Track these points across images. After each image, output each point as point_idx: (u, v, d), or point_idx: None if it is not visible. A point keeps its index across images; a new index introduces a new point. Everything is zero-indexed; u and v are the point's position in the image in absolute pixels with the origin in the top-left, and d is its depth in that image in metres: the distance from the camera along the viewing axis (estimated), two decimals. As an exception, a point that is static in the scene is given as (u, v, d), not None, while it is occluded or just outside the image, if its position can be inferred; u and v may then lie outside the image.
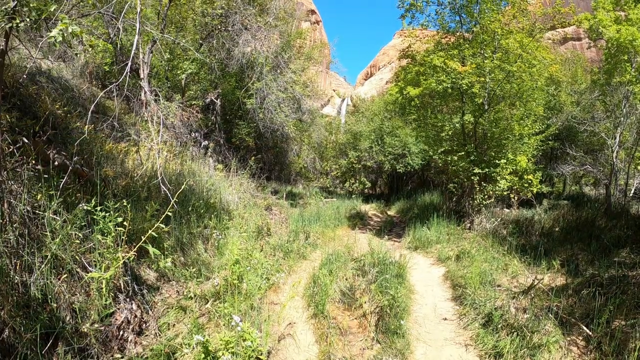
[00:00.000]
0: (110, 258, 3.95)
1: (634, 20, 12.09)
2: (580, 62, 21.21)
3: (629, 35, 11.32)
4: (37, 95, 6.98)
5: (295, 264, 7.60)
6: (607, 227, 9.95)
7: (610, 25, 12.03)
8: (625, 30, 11.43)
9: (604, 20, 12.13)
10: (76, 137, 6.40)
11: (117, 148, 7.99)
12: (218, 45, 12.89)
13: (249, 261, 6.01)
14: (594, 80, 15.30)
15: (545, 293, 6.00)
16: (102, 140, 7.89)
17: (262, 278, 5.73)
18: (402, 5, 10.80)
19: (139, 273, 4.96)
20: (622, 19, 12.51)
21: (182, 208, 6.90)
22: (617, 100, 12.99)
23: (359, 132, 25.47)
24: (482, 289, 6.20)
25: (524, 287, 6.31)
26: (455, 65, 9.47)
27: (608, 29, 11.84)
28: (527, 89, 10.13)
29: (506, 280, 6.88)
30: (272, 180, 19.74)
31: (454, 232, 10.27)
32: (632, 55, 12.44)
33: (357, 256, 8.14)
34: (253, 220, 8.42)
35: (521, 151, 10.95)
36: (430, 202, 16.39)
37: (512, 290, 6.15)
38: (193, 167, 9.79)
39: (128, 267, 4.34)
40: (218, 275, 5.34)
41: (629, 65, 12.54)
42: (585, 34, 50.62)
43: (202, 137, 13.96)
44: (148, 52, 12.08)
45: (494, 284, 6.45)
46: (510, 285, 6.54)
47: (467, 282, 6.57)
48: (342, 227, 13.34)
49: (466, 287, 6.43)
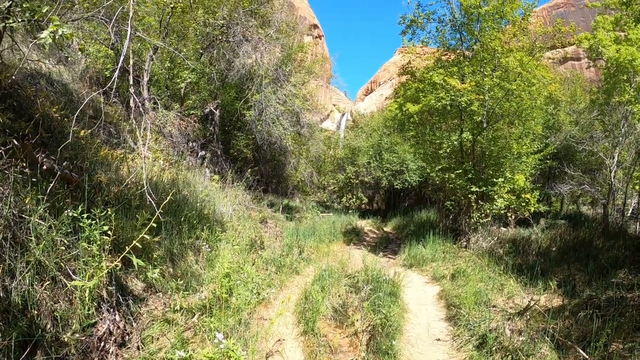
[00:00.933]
0: (95, 267, 3.83)
1: (634, 40, 12.14)
2: (580, 82, 21.35)
3: (629, 55, 11.36)
4: (35, 97, 6.92)
5: (287, 279, 7.46)
6: (604, 247, 9.87)
7: (610, 45, 12.08)
8: (624, 50, 11.47)
9: (604, 40, 12.19)
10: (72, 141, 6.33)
11: (112, 154, 7.91)
12: (219, 56, 12.90)
13: (239, 275, 5.89)
14: (593, 100, 15.34)
15: (541, 314, 5.88)
16: (98, 145, 7.83)
17: (253, 292, 5.60)
18: (403, 22, 10.86)
19: (126, 283, 4.84)
20: (621, 39, 12.58)
21: (175, 218, 6.79)
22: (615, 119, 13.01)
23: (357, 147, 25.49)
24: (477, 309, 6.08)
25: (519, 308, 6.19)
26: (454, 82, 9.46)
27: (608, 48, 11.89)
28: (526, 108, 10.13)
29: (502, 300, 6.76)
30: (269, 192, 19.62)
31: (450, 250, 10.16)
32: (631, 75, 12.48)
33: (351, 272, 8.02)
34: (246, 232, 8.30)
35: (519, 170, 10.90)
36: (427, 219, 16.29)
37: (507, 312, 6.03)
38: (188, 177, 9.69)
39: (113, 276, 4.22)
40: (207, 288, 5.21)
41: (628, 85, 12.57)
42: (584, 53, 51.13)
43: (200, 147, 13.89)
44: (149, 59, 12.08)
45: (489, 305, 6.32)
46: (506, 306, 6.41)
47: (462, 302, 6.45)
48: (338, 242, 13.21)
49: (461, 307, 6.30)
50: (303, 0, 77.02)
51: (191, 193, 8.52)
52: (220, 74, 13.99)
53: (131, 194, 6.57)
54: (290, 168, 22.49)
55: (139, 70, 12.38)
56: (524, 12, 10.53)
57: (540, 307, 6.21)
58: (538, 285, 7.34)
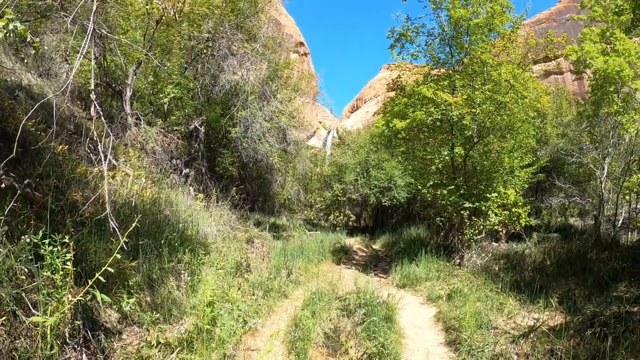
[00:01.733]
0: (58, 300, 3.40)
1: (621, 51, 12.23)
2: (565, 95, 21.58)
3: (617, 65, 11.40)
4: (12, 110, 6.51)
5: (275, 304, 7.02)
6: (598, 259, 9.67)
7: (597, 57, 12.14)
8: (612, 61, 11.52)
9: (591, 52, 12.25)
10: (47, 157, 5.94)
11: (91, 172, 7.52)
12: (203, 70, 12.58)
13: (224, 302, 5.46)
14: (580, 112, 15.42)
15: (546, 334, 5.54)
16: (76, 162, 7.46)
17: (238, 321, 5.16)
18: (391, 35, 10.68)
19: (98, 314, 4.38)
20: (607, 50, 12.69)
21: (155, 240, 6.35)
22: (605, 130, 12.99)
23: (344, 164, 25.28)
24: (478, 332, 5.71)
25: (522, 329, 5.86)
26: (446, 96, 9.27)
27: (595, 60, 11.93)
28: (517, 121, 9.98)
29: (502, 321, 6.41)
30: (255, 211, 19.19)
31: (444, 268, 9.82)
32: (619, 85, 12.54)
33: (342, 294, 7.64)
34: (232, 255, 7.85)
35: (512, 184, 10.69)
36: (417, 237, 16.00)
37: (510, 333, 5.68)
38: (171, 196, 9.26)
39: (79, 309, 3.77)
40: (188, 319, 4.77)
41: (616, 96, 12.62)
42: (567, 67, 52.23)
43: (184, 165, 13.47)
44: (132, 73, 11.73)
45: (490, 326, 5.97)
46: (507, 327, 6.07)
47: (462, 324, 6.08)
48: (326, 262, 12.80)
49: (460, 330, 5.93)
50: (289, 19, 77.71)
51: (173, 213, 8.09)
52: (205, 89, 13.67)
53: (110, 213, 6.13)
54: (277, 186, 22.12)
55: (122, 85, 12.03)
56: (512, 25, 10.47)
57: (543, 326, 5.89)
58: (538, 303, 7.00)
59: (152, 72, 13.20)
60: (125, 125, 11.65)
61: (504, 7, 10.30)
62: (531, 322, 6.34)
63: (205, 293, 4.72)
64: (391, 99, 11.73)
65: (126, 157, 10.48)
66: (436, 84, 10.04)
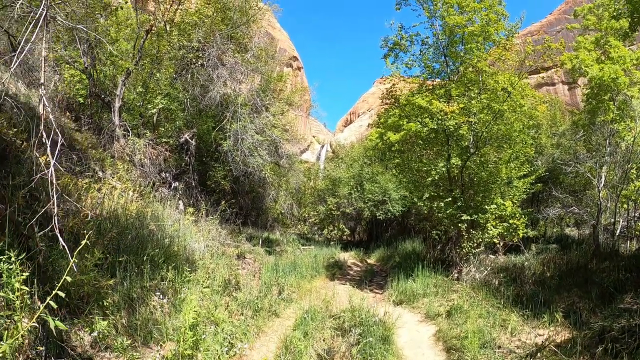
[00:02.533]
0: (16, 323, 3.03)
1: (615, 58, 12.20)
2: (558, 105, 21.60)
3: (612, 72, 11.35)
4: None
5: (265, 324, 6.61)
6: (600, 269, 9.38)
7: (593, 65, 12.10)
8: (608, 68, 11.47)
9: (586, 60, 12.22)
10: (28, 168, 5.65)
11: (75, 183, 7.20)
12: (192, 81, 12.31)
13: (209, 322, 5.08)
14: (575, 121, 15.33)
15: (554, 352, 5.20)
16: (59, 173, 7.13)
17: (224, 345, 4.78)
18: (385, 44, 10.47)
19: (68, 337, 4.00)
20: (602, 59, 12.65)
21: (136, 257, 5.98)
22: (601, 139, 12.87)
23: (338, 178, 25.00)
24: (482, 352, 5.35)
25: (528, 347, 5.52)
26: (441, 105, 9.02)
27: (591, 68, 11.89)
28: (514, 131, 9.75)
29: (506, 338, 6.05)
30: (248, 225, 18.81)
31: (442, 283, 9.44)
32: (614, 93, 12.47)
33: (336, 312, 7.26)
34: (220, 271, 7.47)
35: (510, 195, 10.42)
36: (412, 250, 15.66)
37: (516, 353, 5.33)
38: (158, 210, 8.91)
39: (42, 334, 3.39)
40: (167, 344, 4.39)
41: (612, 104, 12.53)
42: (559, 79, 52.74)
43: (173, 178, 13.12)
44: (121, 84, 11.47)
45: (494, 345, 5.61)
46: (512, 345, 5.72)
47: (464, 343, 5.72)
48: (320, 278, 12.40)
49: (463, 350, 5.57)
50: (283, 33, 78.14)
51: (159, 228, 7.72)
52: (194, 100, 13.42)
53: (89, 227, 5.80)
54: (270, 200, 21.76)
55: (111, 96, 11.77)
56: (507, 33, 10.31)
57: (550, 343, 5.55)
58: (543, 318, 6.65)
59: (141, 83, 12.96)
60: (113, 136, 11.36)
61: (499, 15, 10.16)
62: (537, 339, 6.00)
63: (187, 314, 4.34)
64: (385, 109, 11.49)
65: (113, 170, 10.21)
66: (432, 94, 9.81)
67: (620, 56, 12.40)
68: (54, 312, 3.98)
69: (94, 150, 10.42)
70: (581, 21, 15.23)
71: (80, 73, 11.84)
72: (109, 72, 12.44)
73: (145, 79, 12.74)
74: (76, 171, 8.45)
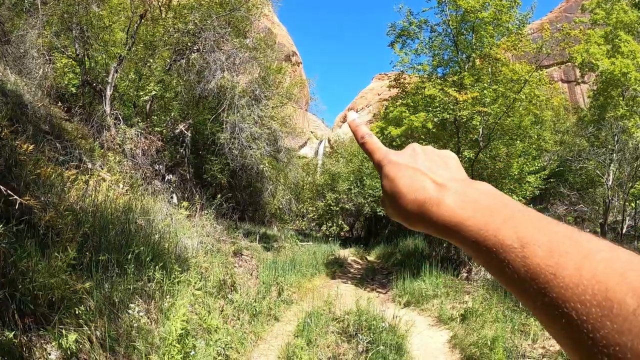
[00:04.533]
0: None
1: (626, 53, 11.72)
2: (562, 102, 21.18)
3: (624, 67, 10.85)
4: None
5: (264, 329, 6.01)
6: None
7: (603, 58, 11.60)
8: (619, 62, 11.00)
9: (597, 54, 11.70)
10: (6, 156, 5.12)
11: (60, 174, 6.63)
12: (187, 67, 11.68)
13: (202, 330, 4.48)
14: (581, 117, 14.90)
15: None
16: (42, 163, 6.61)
17: (219, 356, 4.18)
18: (392, 31, 9.82)
19: (30, 354, 3.39)
20: (611, 53, 12.18)
21: (119, 255, 5.36)
22: (611, 135, 12.38)
23: (337, 173, 24.44)
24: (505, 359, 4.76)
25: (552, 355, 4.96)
26: (455, 93, 8.39)
27: (601, 61, 11.37)
28: (528, 123, 9.17)
29: (528, 345, 5.47)
30: (245, 221, 18.23)
31: (451, 284, 8.84)
32: (624, 89, 12.01)
33: (339, 314, 6.69)
34: (215, 271, 6.86)
35: (521, 191, 9.84)
36: (415, 248, 15.10)
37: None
38: (149, 204, 8.31)
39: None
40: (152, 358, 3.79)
41: (622, 99, 12.07)
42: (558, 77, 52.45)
43: (166, 170, 12.51)
44: (113, 71, 10.90)
45: (518, 355, 5.01)
46: (536, 354, 5.13)
47: (484, 352, 5.12)
48: (320, 276, 11.84)
49: (483, 359, 4.97)
50: (282, 28, 77.27)
51: (149, 223, 7.12)
52: (190, 89, 12.80)
53: (68, 221, 5.20)
54: (268, 195, 21.17)
55: (103, 84, 11.20)
56: (519, 22, 9.70)
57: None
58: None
59: (134, 69, 12.36)
60: (103, 125, 10.79)
61: (512, 2, 9.56)
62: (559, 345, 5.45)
63: (174, 324, 3.73)
64: (392, 97, 10.85)
65: (104, 161, 9.68)
66: (444, 81, 9.19)
67: (631, 50, 11.93)
68: (15, 323, 3.39)
69: (84, 141, 9.90)
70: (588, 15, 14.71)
71: (72, 62, 11.27)
72: (100, 59, 11.84)
73: (139, 65, 12.13)
74: (61, 161, 7.96)
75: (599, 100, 13.00)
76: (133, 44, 11.09)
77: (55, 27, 10.82)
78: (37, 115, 9.03)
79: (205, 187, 14.47)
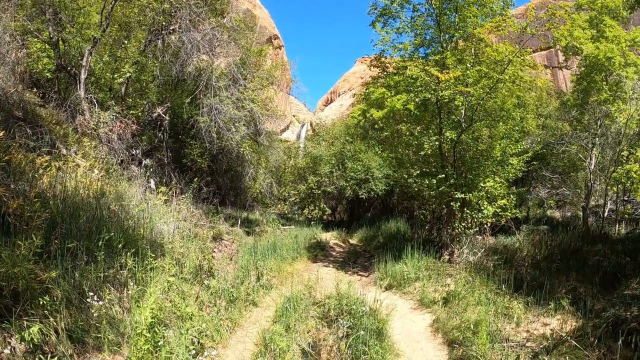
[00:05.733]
0: None
1: (610, 38, 11.74)
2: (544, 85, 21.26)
3: (608, 51, 10.85)
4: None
5: (242, 316, 5.88)
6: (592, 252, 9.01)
7: (587, 43, 11.58)
8: (604, 47, 10.99)
9: (581, 37, 11.66)
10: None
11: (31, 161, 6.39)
12: (163, 47, 11.30)
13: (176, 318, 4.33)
14: (564, 102, 14.96)
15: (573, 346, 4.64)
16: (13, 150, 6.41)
17: (192, 346, 4.03)
18: (374, 10, 9.57)
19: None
20: (596, 37, 12.16)
21: (89, 242, 5.15)
22: (594, 119, 12.46)
23: (319, 156, 24.24)
24: (488, 346, 4.72)
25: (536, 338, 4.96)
26: (436, 72, 8.25)
27: (585, 45, 11.35)
28: (511, 105, 9.11)
29: (511, 329, 5.47)
30: (227, 206, 18.00)
31: (433, 266, 8.80)
32: (608, 73, 12.05)
33: (320, 298, 6.60)
34: (191, 256, 6.68)
35: (504, 173, 9.82)
36: (397, 231, 15.12)
37: (527, 347, 4.73)
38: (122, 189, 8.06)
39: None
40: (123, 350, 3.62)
41: (604, 84, 12.11)
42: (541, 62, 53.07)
43: (143, 155, 12.19)
44: (87, 53, 10.52)
45: (502, 338, 4.99)
46: (520, 337, 5.13)
47: (466, 336, 5.09)
48: (302, 260, 11.75)
49: (467, 344, 4.94)
50: (264, 11, 75.81)
51: (122, 208, 6.88)
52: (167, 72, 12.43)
53: (37, 208, 4.98)
54: (249, 179, 20.97)
55: (77, 67, 10.80)
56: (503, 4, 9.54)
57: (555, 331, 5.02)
58: (546, 305, 6.09)
59: (108, 51, 11.94)
60: (77, 110, 10.45)
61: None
62: (544, 329, 5.46)
63: (144, 312, 3.57)
64: (373, 78, 10.64)
65: (79, 147, 9.39)
66: (425, 61, 9.05)
67: (616, 36, 11.96)
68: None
69: (58, 127, 9.61)
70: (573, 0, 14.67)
71: (47, 46, 10.96)
72: (74, 42, 11.40)
73: (114, 47, 11.72)
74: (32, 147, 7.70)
75: (582, 85, 13.03)
76: (108, 26, 10.69)
77: (28, 10, 10.36)
78: (9, 102, 8.74)
79: (185, 172, 14.20)
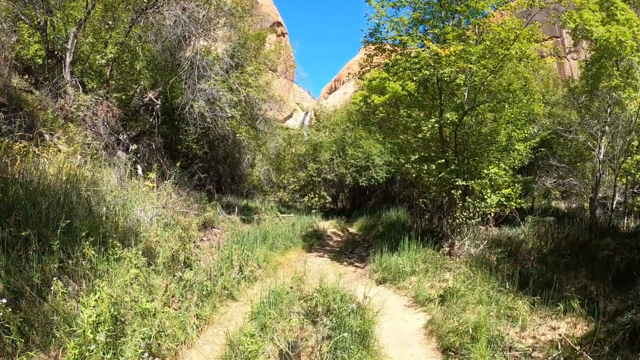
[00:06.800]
0: None
1: (622, 21, 11.08)
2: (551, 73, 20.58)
3: (620, 34, 10.20)
4: None
5: (216, 311, 5.36)
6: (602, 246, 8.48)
7: (598, 25, 10.91)
8: (615, 29, 10.34)
9: (591, 20, 10.98)
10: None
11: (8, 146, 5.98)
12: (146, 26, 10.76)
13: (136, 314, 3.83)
14: (572, 89, 14.35)
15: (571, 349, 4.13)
16: None
17: (144, 349, 3.53)
18: (371, -16, 8.93)
19: None
20: (606, 20, 11.49)
21: (48, 230, 4.65)
22: (604, 106, 11.79)
23: (319, 142, 23.74)
24: (488, 355, 4.18)
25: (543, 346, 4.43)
26: (436, 47, 7.62)
27: (596, 28, 10.69)
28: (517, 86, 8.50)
29: (515, 333, 4.92)
30: (227, 193, 17.53)
31: (432, 259, 8.20)
32: (619, 58, 11.39)
33: (308, 292, 6.08)
34: (168, 245, 6.18)
35: (509, 160, 9.24)
36: (397, 220, 14.59)
37: (533, 357, 4.20)
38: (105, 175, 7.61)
39: None
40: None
41: (615, 69, 11.45)
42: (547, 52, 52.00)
43: (131, 140, 11.70)
44: (72, 36, 10.06)
45: (505, 346, 4.44)
46: (525, 344, 4.58)
47: (464, 342, 4.55)
48: (296, 249, 11.26)
49: (464, 352, 4.40)
50: (267, -3, 74.84)
51: (97, 194, 6.40)
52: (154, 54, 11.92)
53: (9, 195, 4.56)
54: (246, 165, 20.50)
55: (62, 51, 10.35)
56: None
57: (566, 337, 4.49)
58: (554, 305, 5.53)
59: (92, 33, 11.46)
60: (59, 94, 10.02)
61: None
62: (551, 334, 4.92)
63: (87, 308, 3.07)
64: (368, 55, 10.02)
65: (63, 132, 8.97)
66: (425, 35, 8.42)
67: (627, 19, 11.28)
68: None
69: (43, 112, 9.20)
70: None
71: (35, 31, 10.56)
72: (58, 25, 10.91)
73: (98, 28, 11.22)
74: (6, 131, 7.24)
75: (592, 70, 12.37)
76: (93, 7, 10.19)
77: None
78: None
79: (176, 158, 13.70)
